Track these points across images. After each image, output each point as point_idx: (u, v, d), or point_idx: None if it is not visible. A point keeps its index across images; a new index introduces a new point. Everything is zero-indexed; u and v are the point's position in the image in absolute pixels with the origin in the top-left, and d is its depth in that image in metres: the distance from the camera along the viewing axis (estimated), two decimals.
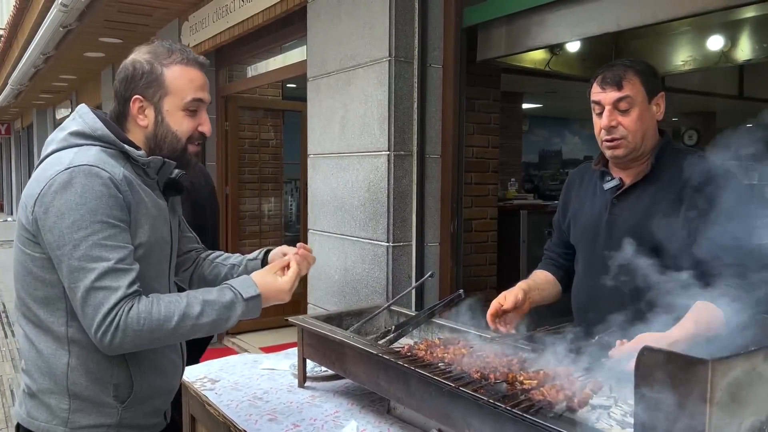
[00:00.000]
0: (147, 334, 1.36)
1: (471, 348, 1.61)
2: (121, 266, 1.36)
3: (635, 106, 1.74)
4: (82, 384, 1.45)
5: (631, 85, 1.74)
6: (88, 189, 1.35)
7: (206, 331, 1.44)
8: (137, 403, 1.51)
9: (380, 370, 1.67)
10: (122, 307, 1.34)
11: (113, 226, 1.37)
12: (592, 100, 1.82)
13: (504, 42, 3.03)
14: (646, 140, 1.78)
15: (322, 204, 3.61)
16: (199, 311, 1.41)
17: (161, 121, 1.51)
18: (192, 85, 1.52)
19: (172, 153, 1.54)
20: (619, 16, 2.45)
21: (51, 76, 9.65)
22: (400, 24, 3.07)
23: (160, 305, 1.38)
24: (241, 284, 1.50)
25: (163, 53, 1.51)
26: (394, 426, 1.75)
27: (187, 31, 5.67)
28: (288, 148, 6.88)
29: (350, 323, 2.16)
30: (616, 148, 1.78)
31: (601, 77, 1.79)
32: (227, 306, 1.45)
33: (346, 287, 3.42)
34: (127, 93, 1.51)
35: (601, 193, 1.90)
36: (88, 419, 1.46)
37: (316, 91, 3.66)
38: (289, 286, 1.56)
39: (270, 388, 2.08)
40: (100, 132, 1.46)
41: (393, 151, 3.08)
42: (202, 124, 1.56)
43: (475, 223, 3.76)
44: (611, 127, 1.76)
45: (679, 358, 1.00)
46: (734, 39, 3.32)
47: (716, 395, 0.97)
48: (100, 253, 1.34)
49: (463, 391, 1.35)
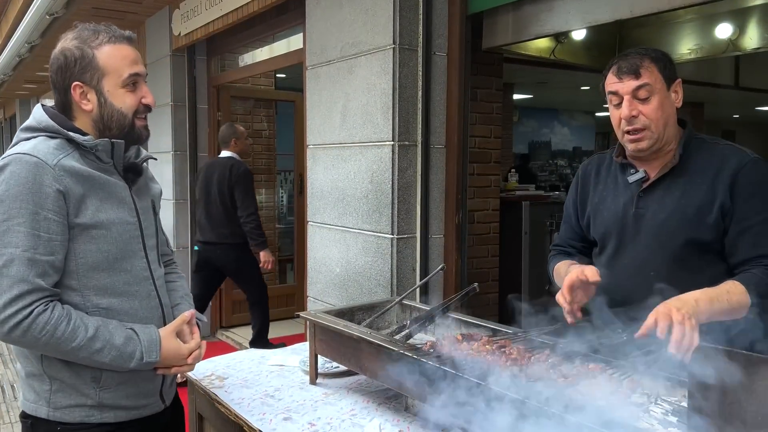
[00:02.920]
0: (41, 344, 1.41)
1: (495, 344, 1.56)
2: (33, 255, 1.39)
3: (655, 94, 1.68)
4: (56, 367, 1.49)
5: (648, 72, 1.68)
6: (15, 175, 1.40)
7: (96, 365, 1.48)
8: (116, 383, 1.53)
9: (401, 367, 1.61)
10: (35, 307, 1.38)
11: (34, 213, 1.40)
12: (609, 92, 1.74)
13: (511, 29, 2.97)
14: (668, 129, 1.71)
15: (322, 195, 3.54)
16: (98, 348, 1.44)
17: (105, 102, 1.54)
18: (126, 61, 1.55)
19: (121, 130, 1.56)
20: (633, 2, 2.40)
21: (36, 66, 9.43)
22: (404, 11, 3.00)
23: (69, 325, 1.41)
24: (149, 346, 1.51)
25: (90, 36, 1.53)
26: (413, 424, 1.70)
27: (179, 19, 5.55)
28: (280, 139, 6.78)
29: (362, 318, 2.10)
30: (639, 141, 1.70)
31: (616, 67, 1.72)
32: (125, 357, 1.48)
33: (348, 280, 3.36)
34: (66, 82, 1.53)
35: (624, 187, 1.82)
36: (68, 399, 1.51)
37: (316, 79, 3.58)
38: (187, 353, 1.59)
39: (281, 385, 2.02)
40: (45, 123, 1.51)
41: (397, 141, 3.01)
42: (145, 96, 1.58)
43: (478, 214, 3.70)
44: (632, 117, 1.69)
45: (741, 356, 0.95)
46: (742, 27, 3.28)
47: None
48: (12, 238, 1.38)
49: (497, 389, 1.30)
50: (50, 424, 1.51)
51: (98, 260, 1.49)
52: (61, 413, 1.50)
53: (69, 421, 1.50)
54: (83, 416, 1.51)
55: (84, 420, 1.51)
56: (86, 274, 1.48)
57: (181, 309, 1.72)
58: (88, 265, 1.48)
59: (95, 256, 1.49)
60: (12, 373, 5.12)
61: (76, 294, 1.48)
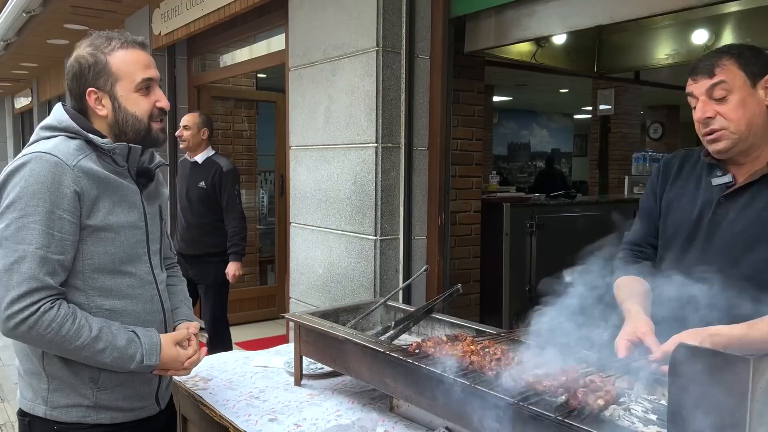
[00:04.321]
0: (46, 341, 1.42)
1: (480, 345, 1.58)
2: (45, 253, 1.41)
3: (733, 92, 1.54)
4: (56, 365, 1.51)
5: (725, 70, 1.54)
6: (35, 173, 1.42)
7: (97, 366, 1.50)
8: (113, 385, 1.55)
9: (387, 368, 1.63)
10: (42, 304, 1.39)
11: (50, 212, 1.42)
12: (687, 93, 1.62)
13: (493, 33, 3.01)
14: (755, 129, 1.55)
15: (305, 197, 3.55)
16: (101, 348, 1.46)
17: (119, 107, 1.56)
18: (138, 65, 1.57)
19: (137, 135, 1.58)
20: (613, 8, 2.45)
21: (11, 64, 9.30)
22: (387, 13, 3.02)
23: (74, 324, 1.43)
24: (149, 350, 1.53)
25: (103, 43, 1.56)
26: (398, 424, 1.72)
27: (159, 18, 5.51)
28: (260, 140, 6.76)
29: (347, 319, 2.11)
30: (717, 141, 1.57)
31: (692, 68, 1.60)
32: (126, 358, 1.50)
33: (330, 282, 3.37)
34: (81, 89, 1.56)
35: (706, 188, 1.66)
36: (66, 399, 1.52)
37: (298, 81, 3.59)
38: (185, 359, 1.61)
39: (266, 386, 2.02)
40: (66, 123, 1.53)
41: (381, 143, 3.03)
42: (159, 100, 1.60)
43: (460, 216, 3.73)
44: (707, 119, 1.56)
45: (719, 355, 0.98)
46: (718, 33, 3.36)
47: (757, 393, 0.96)
48: (26, 235, 1.40)
49: (482, 390, 1.32)
50: (47, 423, 1.52)
51: (104, 262, 1.51)
52: (58, 412, 1.52)
53: (65, 420, 1.52)
54: (80, 416, 1.52)
55: (80, 420, 1.52)
56: (91, 275, 1.50)
57: (179, 312, 1.76)
58: (94, 267, 1.50)
59: (101, 258, 1.51)
60: None
61: (80, 294, 1.49)
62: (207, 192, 4.01)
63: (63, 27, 6.66)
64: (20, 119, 13.39)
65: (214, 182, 4.01)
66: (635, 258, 1.82)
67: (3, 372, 5.15)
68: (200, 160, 4.07)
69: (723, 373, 0.97)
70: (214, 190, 4.01)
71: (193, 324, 1.72)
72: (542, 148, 16.70)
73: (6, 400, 4.54)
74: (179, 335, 1.63)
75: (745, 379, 0.95)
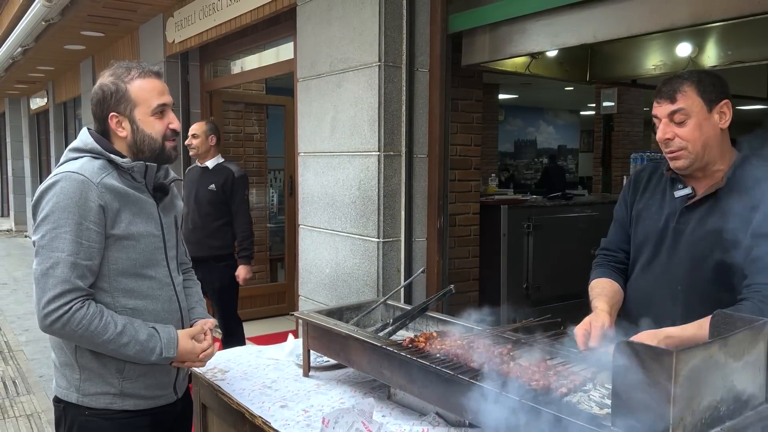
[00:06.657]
0: (77, 336, 1.64)
1: (466, 340, 1.80)
2: (75, 260, 1.62)
3: (691, 117, 1.73)
4: (87, 358, 1.73)
5: (685, 96, 1.73)
6: (65, 191, 1.64)
7: (122, 358, 1.71)
8: (136, 375, 1.77)
9: (384, 360, 1.85)
10: (74, 303, 1.61)
11: (79, 223, 1.63)
12: (652, 114, 1.82)
13: (487, 48, 3.20)
14: (708, 150, 1.75)
15: (313, 200, 3.77)
16: (125, 342, 1.67)
17: (137, 129, 1.77)
18: (154, 92, 1.78)
19: (153, 153, 1.79)
20: (596, 28, 2.64)
21: (28, 67, 9.57)
22: (389, 30, 3.23)
23: (101, 321, 1.64)
24: (168, 343, 1.74)
25: (123, 72, 1.77)
26: (395, 410, 1.94)
27: (172, 27, 5.74)
28: (270, 141, 6.97)
29: (350, 317, 2.33)
30: (677, 159, 1.78)
31: (657, 91, 1.80)
32: (147, 351, 1.71)
33: (337, 281, 3.59)
34: (104, 113, 1.78)
35: (670, 200, 1.87)
36: (95, 387, 1.74)
37: (306, 91, 3.80)
38: (200, 352, 1.82)
39: (277, 377, 2.24)
40: (91, 145, 1.75)
41: (383, 151, 3.25)
42: (172, 122, 1.82)
43: (459, 218, 3.94)
44: (667, 140, 1.77)
45: (649, 349, 1.20)
46: (701, 46, 3.55)
47: (679, 380, 1.17)
48: (59, 244, 1.61)
49: (461, 378, 1.54)
50: (79, 408, 1.75)
51: (127, 266, 1.73)
52: (89, 399, 1.74)
53: (95, 406, 1.74)
54: (107, 403, 1.75)
55: (108, 406, 1.75)
56: (116, 278, 1.72)
57: (195, 312, 1.99)
58: (118, 271, 1.72)
59: (124, 263, 1.73)
60: (13, 370, 5.31)
61: (107, 295, 1.72)
62: (217, 194, 4.19)
63: (80, 34, 6.90)
64: (36, 120, 13.68)
65: (225, 186, 4.18)
66: (609, 262, 2.05)
67: (27, 365, 5.41)
68: (211, 166, 4.28)
69: (653, 363, 1.19)
70: (224, 193, 4.18)
71: (209, 321, 1.95)
72: (548, 144, 16.81)
73: (32, 392, 4.79)
74: (194, 330, 1.86)
75: (669, 367, 1.16)
